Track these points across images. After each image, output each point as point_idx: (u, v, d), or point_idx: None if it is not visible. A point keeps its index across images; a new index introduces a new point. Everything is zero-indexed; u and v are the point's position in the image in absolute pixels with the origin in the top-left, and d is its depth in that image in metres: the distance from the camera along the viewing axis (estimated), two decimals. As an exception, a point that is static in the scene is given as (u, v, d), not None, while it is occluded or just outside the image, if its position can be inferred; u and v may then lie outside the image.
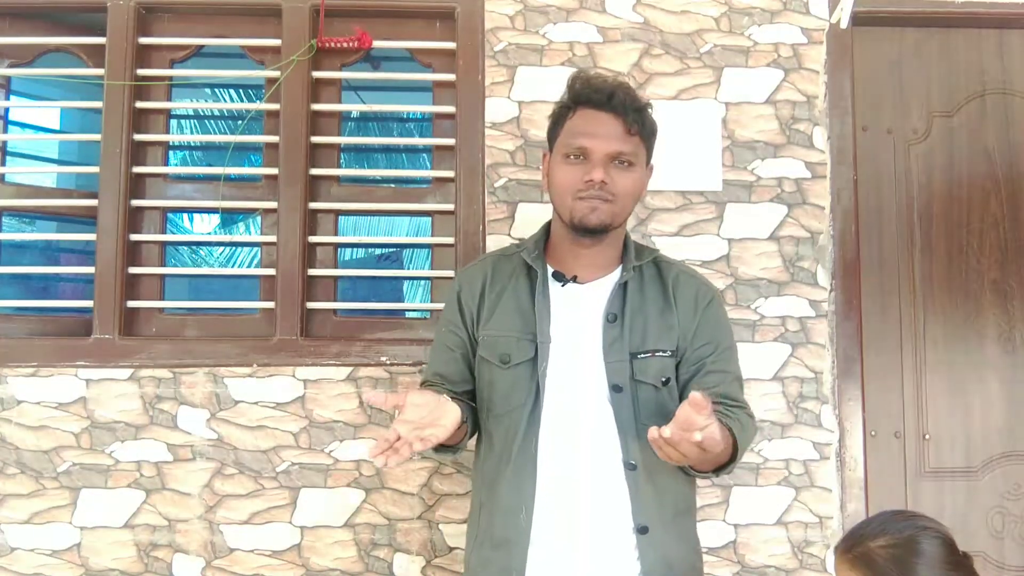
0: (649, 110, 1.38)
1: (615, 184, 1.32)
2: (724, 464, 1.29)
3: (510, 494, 1.32)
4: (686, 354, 1.38)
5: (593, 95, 1.34)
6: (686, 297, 1.40)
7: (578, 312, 1.36)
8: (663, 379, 1.36)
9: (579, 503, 1.30)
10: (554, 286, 1.39)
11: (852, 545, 1.09)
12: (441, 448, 1.29)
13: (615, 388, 1.32)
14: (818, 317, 1.97)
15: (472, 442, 1.46)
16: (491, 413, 1.37)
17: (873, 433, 1.99)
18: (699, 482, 1.90)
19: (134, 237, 1.97)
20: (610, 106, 1.33)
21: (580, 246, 1.38)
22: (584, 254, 1.38)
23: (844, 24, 1.99)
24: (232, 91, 3.66)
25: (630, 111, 1.33)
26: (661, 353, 1.36)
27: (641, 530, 1.30)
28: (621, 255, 1.42)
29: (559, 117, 1.39)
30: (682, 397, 1.35)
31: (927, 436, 2.01)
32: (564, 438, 1.32)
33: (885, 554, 1.04)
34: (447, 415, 1.20)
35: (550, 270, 1.40)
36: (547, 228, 1.46)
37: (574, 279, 1.38)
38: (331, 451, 1.88)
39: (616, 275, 1.40)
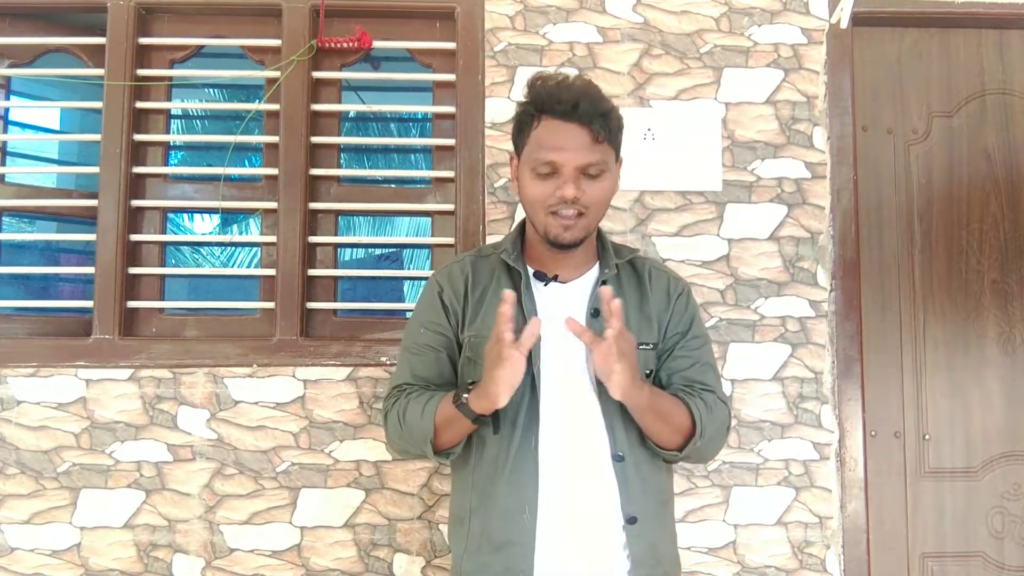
0: (615, 110, 1.35)
1: (587, 196, 1.31)
2: (687, 439, 1.32)
3: (510, 495, 1.31)
4: (661, 344, 1.42)
5: (557, 105, 1.30)
6: (659, 288, 1.45)
7: (562, 310, 1.36)
8: (646, 371, 1.38)
9: (576, 497, 1.31)
10: (536, 286, 1.40)
11: None
12: (440, 452, 1.34)
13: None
14: (818, 317, 1.97)
15: None
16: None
17: (873, 433, 1.99)
18: (699, 482, 1.90)
19: (134, 237, 1.98)
20: (576, 116, 1.29)
21: (556, 251, 1.38)
22: (561, 257, 1.39)
23: (844, 24, 1.99)
24: (232, 91, 3.66)
25: (596, 118, 1.29)
26: (644, 346, 1.38)
27: (630, 520, 1.31)
28: (597, 251, 1.44)
29: (523, 124, 1.36)
30: (661, 387, 1.39)
31: (927, 436, 2.01)
32: (560, 433, 1.33)
33: None
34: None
35: (531, 271, 1.41)
36: (522, 228, 1.46)
37: (555, 278, 1.39)
38: (331, 451, 1.88)
39: (595, 272, 1.42)
